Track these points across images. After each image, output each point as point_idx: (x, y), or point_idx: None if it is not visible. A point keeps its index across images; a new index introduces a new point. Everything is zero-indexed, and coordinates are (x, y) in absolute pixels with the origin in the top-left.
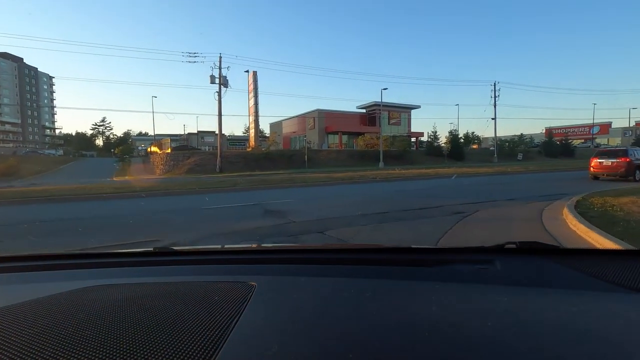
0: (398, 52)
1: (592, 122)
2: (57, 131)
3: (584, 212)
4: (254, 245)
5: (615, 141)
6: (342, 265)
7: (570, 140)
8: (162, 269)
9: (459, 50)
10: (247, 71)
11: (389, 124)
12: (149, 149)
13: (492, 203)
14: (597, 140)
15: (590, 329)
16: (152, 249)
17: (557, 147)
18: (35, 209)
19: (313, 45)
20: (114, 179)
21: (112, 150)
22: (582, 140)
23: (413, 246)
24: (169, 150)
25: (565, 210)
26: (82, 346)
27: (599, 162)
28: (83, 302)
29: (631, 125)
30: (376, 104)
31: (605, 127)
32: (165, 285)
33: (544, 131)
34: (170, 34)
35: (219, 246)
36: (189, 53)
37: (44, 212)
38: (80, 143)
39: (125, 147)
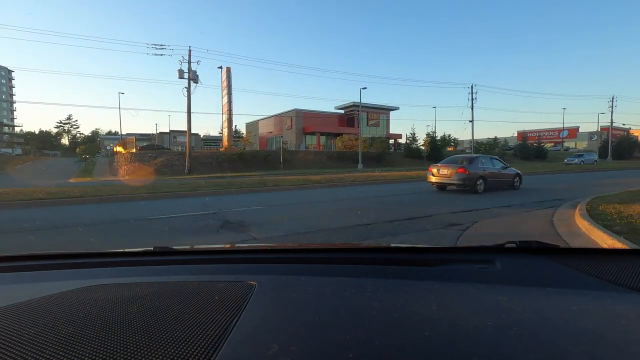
0: (377, 53)
1: (561, 126)
2: (18, 129)
3: (609, 226)
4: (254, 245)
5: (582, 145)
6: (342, 264)
7: (543, 144)
8: (162, 268)
9: (436, 51)
10: (221, 67)
11: (367, 125)
12: (114, 149)
13: (487, 212)
14: (566, 144)
15: (590, 328)
16: (152, 248)
17: (531, 150)
18: None
19: (290, 44)
20: (70, 180)
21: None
22: (553, 144)
23: (413, 246)
24: (133, 150)
25: (586, 224)
26: (82, 346)
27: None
28: (83, 301)
29: (597, 130)
30: (355, 105)
31: (574, 131)
32: (165, 284)
33: (516, 134)
34: (139, 28)
35: (219, 245)
36: (155, 45)
37: None
38: (44, 142)
39: (90, 147)
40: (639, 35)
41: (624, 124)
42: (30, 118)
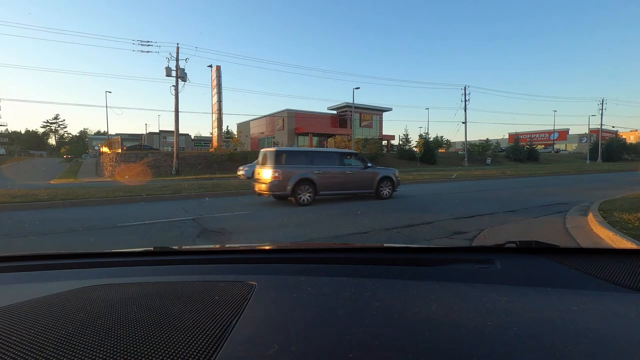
0: (370, 54)
1: (552, 128)
2: (2, 128)
3: (637, 235)
4: (253, 245)
5: (572, 147)
6: (342, 264)
7: (535, 146)
8: (162, 268)
9: (430, 53)
10: (211, 66)
11: (360, 126)
12: (100, 149)
13: (492, 217)
14: (557, 146)
15: (590, 328)
16: (152, 248)
17: (524, 152)
18: None
19: (283, 43)
20: (52, 182)
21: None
22: (543, 146)
23: (413, 246)
24: (119, 151)
25: (609, 234)
26: (82, 346)
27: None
28: (83, 301)
29: (586, 132)
30: (348, 105)
31: (564, 134)
32: (165, 284)
33: (507, 136)
34: (126, 26)
35: (219, 245)
36: (142, 42)
37: None
38: (30, 141)
39: (76, 147)
40: (630, 38)
41: (613, 127)
42: (16, 117)
